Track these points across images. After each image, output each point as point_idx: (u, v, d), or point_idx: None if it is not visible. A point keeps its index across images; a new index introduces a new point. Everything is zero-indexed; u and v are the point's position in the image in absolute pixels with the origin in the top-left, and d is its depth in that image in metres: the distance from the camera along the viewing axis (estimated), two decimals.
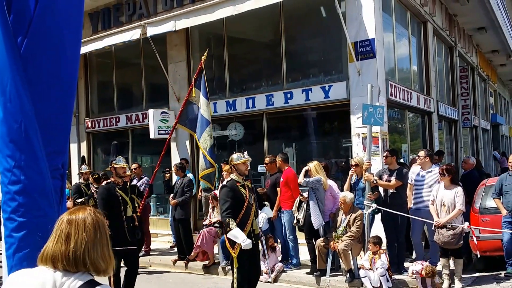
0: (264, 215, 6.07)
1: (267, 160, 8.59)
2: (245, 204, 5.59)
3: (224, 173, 9.01)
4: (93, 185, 9.39)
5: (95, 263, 1.78)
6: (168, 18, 10.37)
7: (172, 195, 9.25)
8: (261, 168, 9.99)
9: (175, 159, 11.20)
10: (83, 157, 9.87)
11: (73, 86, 2.36)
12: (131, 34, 10.85)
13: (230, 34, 11.17)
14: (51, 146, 2.19)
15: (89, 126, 13.49)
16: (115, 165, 6.57)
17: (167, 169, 11.06)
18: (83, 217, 1.82)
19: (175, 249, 9.61)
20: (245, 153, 6.01)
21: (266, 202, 6.39)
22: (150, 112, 11.19)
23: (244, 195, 5.65)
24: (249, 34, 11.30)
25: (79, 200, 9.07)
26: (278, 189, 8.12)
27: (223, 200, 5.57)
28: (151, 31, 10.49)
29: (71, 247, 1.75)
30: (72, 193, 9.41)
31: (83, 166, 9.88)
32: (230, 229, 5.39)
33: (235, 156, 5.86)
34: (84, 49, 11.05)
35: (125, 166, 6.63)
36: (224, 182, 5.95)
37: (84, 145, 13.51)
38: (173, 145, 11.59)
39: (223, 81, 11.23)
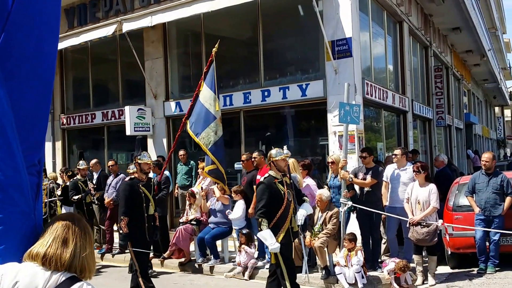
0: (303, 212, 5.75)
1: (243, 157, 8.55)
2: (284, 202, 5.40)
3: (199, 171, 8.97)
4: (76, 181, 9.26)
5: (89, 267, 1.87)
6: (144, 14, 10.24)
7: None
8: (237, 166, 9.96)
9: (151, 156, 11.05)
10: (81, 152, 9.52)
11: (50, 81, 2.35)
12: (108, 30, 10.68)
13: (208, 32, 11.10)
14: (27, 142, 2.15)
15: (64, 123, 13.23)
16: (139, 161, 6.24)
17: None
18: (77, 222, 1.90)
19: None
20: (285, 147, 5.88)
21: (306, 198, 6.10)
22: (127, 109, 11.04)
23: (283, 192, 5.46)
24: (227, 32, 11.25)
25: (76, 197, 8.79)
26: (255, 187, 8.08)
27: (258, 198, 5.37)
28: (127, 26, 10.34)
29: (69, 251, 1.81)
30: (69, 189, 9.19)
31: (80, 162, 9.51)
32: (261, 230, 5.25)
33: (273, 151, 5.65)
34: (60, 45, 10.70)
35: (149, 162, 6.35)
36: (262, 179, 5.71)
37: (59, 142, 13.26)
38: (149, 142, 11.47)
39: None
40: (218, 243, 8.36)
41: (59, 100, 13.38)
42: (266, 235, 5.23)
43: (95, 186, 9.50)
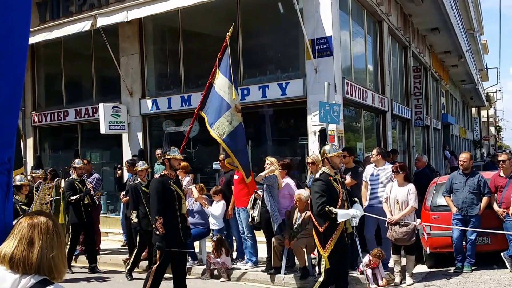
0: (358, 213, 5.46)
1: (221, 157, 8.39)
2: (339, 200, 5.17)
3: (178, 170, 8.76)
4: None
5: (58, 268, 1.80)
6: (120, 9, 9.98)
7: (123, 192, 8.90)
8: (215, 165, 9.79)
9: (127, 155, 10.82)
10: (77, 150, 8.94)
11: (21, 77, 2.25)
12: (82, 25, 10.39)
13: (186, 28, 10.91)
14: None
15: (35, 121, 12.87)
16: (169, 156, 5.86)
17: (118, 166, 10.67)
18: (45, 221, 1.82)
19: (126, 248, 9.27)
20: (336, 144, 5.66)
21: (355, 199, 5.85)
22: (101, 106, 10.76)
23: (338, 190, 5.22)
24: (205, 29, 11.06)
25: (73, 198, 8.13)
26: (233, 187, 7.95)
27: (317, 194, 5.08)
28: (102, 21, 10.06)
29: (36, 252, 1.75)
30: (65, 189, 8.39)
31: (76, 160, 8.73)
32: (334, 214, 4.94)
33: (327, 147, 5.40)
34: (31, 40, 10.45)
35: (180, 158, 6.00)
36: (318, 175, 5.48)
37: (30, 140, 12.90)
38: (125, 141, 11.22)
39: (178, 76, 10.96)
40: (196, 244, 8.25)
41: (30, 97, 13.01)
42: (343, 212, 4.97)
43: (93, 186, 8.91)
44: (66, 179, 8.68)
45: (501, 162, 7.35)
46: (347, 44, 10.51)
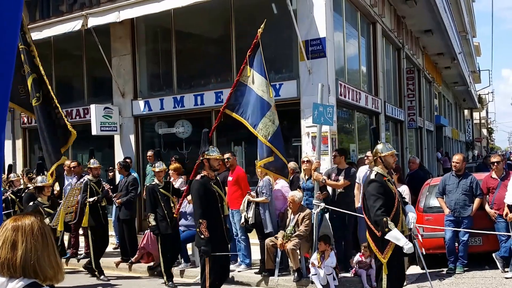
0: (414, 214, 5.18)
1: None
2: (395, 202, 4.90)
3: (170, 172, 8.70)
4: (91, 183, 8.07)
5: (44, 270, 1.76)
6: (111, 9, 9.90)
7: (115, 194, 8.80)
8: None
9: (119, 157, 10.72)
10: (92, 149, 8.56)
11: (9, 78, 2.23)
12: (73, 25, 10.29)
13: (179, 28, 10.84)
14: None
15: (25, 121, 12.75)
16: (208, 156, 5.66)
17: (110, 168, 10.57)
18: (30, 223, 1.79)
19: (118, 251, 9.19)
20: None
21: (406, 200, 5.60)
22: (92, 107, 10.67)
23: (393, 191, 4.97)
24: (199, 29, 11.00)
25: (91, 200, 7.67)
26: (226, 188, 7.90)
27: (374, 197, 4.81)
28: (93, 21, 9.97)
29: (19, 255, 1.73)
30: (81, 191, 7.92)
31: (91, 161, 8.27)
32: (389, 230, 4.63)
33: (380, 146, 5.16)
34: None
35: (219, 158, 5.82)
36: (372, 176, 5.13)
37: (19, 141, 12.77)
38: (116, 142, 11.12)
39: (170, 77, 10.89)
40: (189, 246, 8.20)
41: None
42: (398, 235, 4.65)
43: (111, 187, 8.52)
44: (82, 180, 8.35)
45: (495, 164, 7.37)
46: (341, 45, 10.50)
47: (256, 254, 7.66)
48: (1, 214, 2.21)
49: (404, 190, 6.82)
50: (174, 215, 7.26)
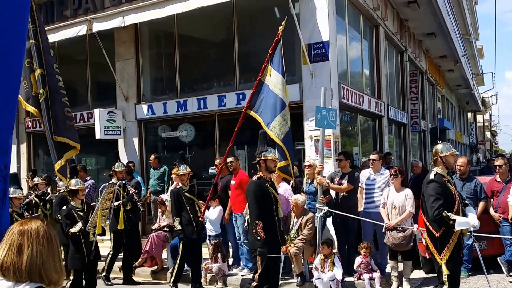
0: (474, 216, 4.99)
1: (217, 162, 8.36)
2: (456, 203, 4.80)
3: (173, 176, 8.71)
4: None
5: (49, 275, 1.77)
6: (116, 14, 9.95)
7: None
8: (212, 171, 9.75)
9: (122, 161, 10.71)
10: (117, 152, 8.41)
11: (17, 83, 2.22)
12: (77, 30, 10.34)
13: (182, 32, 10.88)
14: None
15: (29, 126, 12.79)
16: (265, 157, 5.55)
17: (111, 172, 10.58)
18: (36, 228, 1.79)
19: (122, 255, 9.17)
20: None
21: (466, 201, 5.49)
22: (96, 111, 10.71)
23: (453, 192, 4.86)
24: (201, 33, 11.03)
25: (116, 203, 7.42)
26: (229, 192, 7.90)
27: (433, 197, 4.70)
28: (98, 26, 10.02)
29: (24, 259, 1.73)
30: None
31: (116, 164, 8.23)
32: (453, 221, 4.56)
33: (440, 146, 5.05)
34: None
35: (275, 159, 5.72)
36: (432, 176, 4.96)
37: (24, 146, 12.80)
38: (120, 146, 11.15)
39: (173, 81, 10.92)
40: None
41: None
42: (463, 219, 4.60)
43: (136, 191, 8.41)
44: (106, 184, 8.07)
45: (497, 167, 7.33)
46: (344, 49, 10.50)
47: None
48: (8, 219, 2.22)
49: (407, 193, 6.79)
50: (200, 219, 7.11)
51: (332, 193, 7.49)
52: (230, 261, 8.08)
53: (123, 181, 8.00)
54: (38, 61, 6.29)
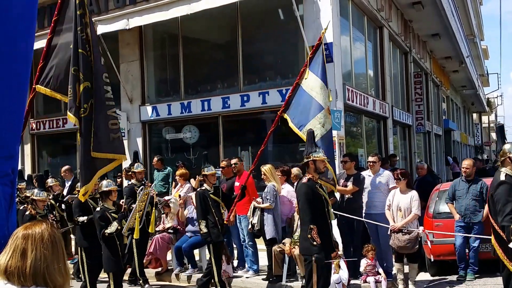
0: None
1: (223, 164, 8.34)
2: None
3: (177, 178, 8.71)
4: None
5: (53, 279, 1.76)
6: (120, 16, 9.98)
7: (122, 200, 8.79)
8: (216, 172, 9.71)
9: (127, 162, 10.73)
10: (136, 152, 8.26)
11: (25, 86, 2.23)
12: None
13: (186, 34, 10.90)
14: (0, 151, 2.07)
15: (33, 128, 12.83)
16: (315, 158, 5.33)
17: (118, 174, 10.60)
18: (40, 232, 1.78)
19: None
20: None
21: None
22: None
23: None
24: (205, 35, 11.05)
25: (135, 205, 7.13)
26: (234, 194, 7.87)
27: (504, 201, 4.50)
28: (102, 28, 10.05)
29: (28, 263, 1.72)
30: (125, 196, 7.66)
31: (136, 164, 7.88)
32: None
33: (508, 146, 4.84)
34: None
35: (324, 159, 5.47)
36: (502, 177, 4.73)
37: (28, 147, 12.85)
38: (124, 147, 11.14)
39: (177, 83, 10.94)
40: (196, 252, 8.15)
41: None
42: None
43: (156, 192, 8.14)
44: (127, 185, 8.04)
45: None
46: (348, 50, 10.48)
47: (263, 260, 7.63)
48: (15, 223, 2.22)
49: (413, 195, 6.74)
50: (225, 222, 6.93)
51: (337, 195, 7.46)
52: (235, 263, 8.06)
53: (143, 182, 7.77)
54: (86, 73, 5.70)
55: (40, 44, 11.44)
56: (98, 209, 6.32)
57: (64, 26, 5.01)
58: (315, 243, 5.08)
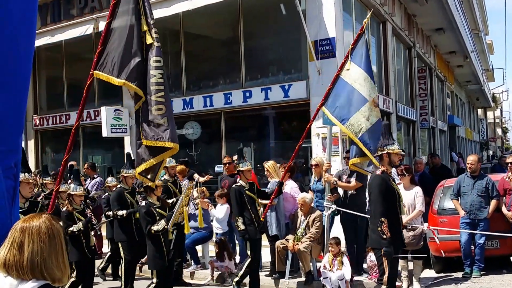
0: None
1: (226, 160, 8.30)
2: None
3: (176, 174, 8.66)
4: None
5: (51, 272, 1.75)
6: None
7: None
8: (218, 169, 9.70)
9: (127, 159, 10.73)
10: None
11: (27, 81, 2.24)
12: (84, 29, 10.38)
13: (187, 30, 10.85)
14: (3, 145, 2.09)
15: (37, 124, 12.85)
16: (390, 151, 5.20)
17: (118, 172, 10.60)
18: (37, 225, 1.77)
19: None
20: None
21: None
22: (103, 109, 10.72)
23: None
24: (207, 31, 11.00)
25: (170, 201, 6.82)
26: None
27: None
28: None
29: (25, 256, 1.72)
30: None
31: (167, 159, 7.37)
32: None
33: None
34: None
35: (399, 152, 5.36)
36: None
37: (31, 143, 12.87)
38: (126, 144, 11.14)
39: (179, 79, 10.89)
40: (199, 248, 8.15)
41: (32, 100, 12.99)
42: None
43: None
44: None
45: (509, 165, 7.19)
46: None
47: (266, 257, 7.59)
48: (17, 215, 2.22)
49: (417, 192, 6.69)
50: (261, 219, 6.75)
51: (340, 191, 7.40)
52: (237, 259, 8.03)
53: (175, 178, 7.56)
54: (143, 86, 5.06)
55: (42, 41, 11.46)
56: (143, 203, 6.17)
57: (120, 9, 4.75)
58: (384, 236, 5.02)
